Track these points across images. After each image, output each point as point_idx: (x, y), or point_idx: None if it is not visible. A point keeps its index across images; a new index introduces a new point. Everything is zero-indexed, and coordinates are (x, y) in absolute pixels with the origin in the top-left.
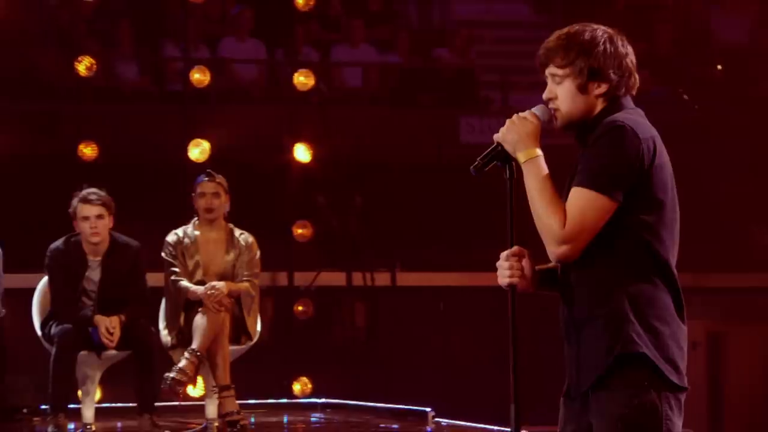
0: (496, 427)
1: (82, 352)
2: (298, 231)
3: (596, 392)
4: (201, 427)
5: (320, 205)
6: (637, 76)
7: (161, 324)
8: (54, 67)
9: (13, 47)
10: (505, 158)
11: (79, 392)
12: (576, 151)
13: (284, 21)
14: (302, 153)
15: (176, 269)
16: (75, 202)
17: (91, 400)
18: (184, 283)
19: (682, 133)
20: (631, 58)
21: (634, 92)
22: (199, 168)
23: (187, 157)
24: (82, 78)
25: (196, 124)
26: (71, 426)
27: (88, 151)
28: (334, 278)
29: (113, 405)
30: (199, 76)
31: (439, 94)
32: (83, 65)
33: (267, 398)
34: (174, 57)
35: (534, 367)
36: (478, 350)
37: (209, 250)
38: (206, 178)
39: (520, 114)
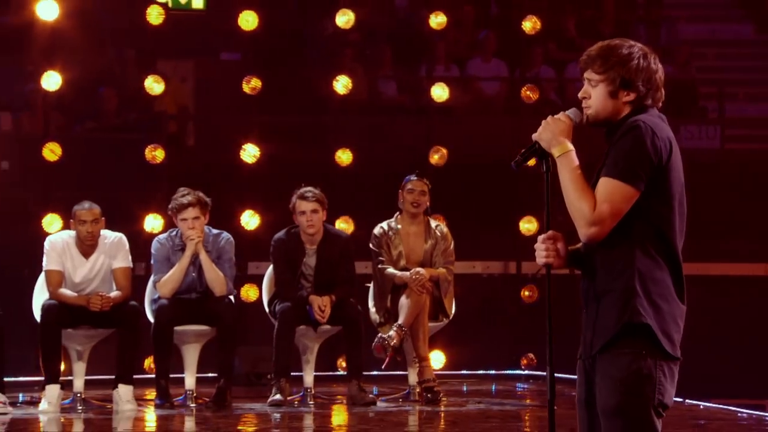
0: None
1: (301, 327)
2: (525, 225)
3: (603, 354)
4: (404, 392)
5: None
6: (663, 91)
7: (370, 304)
8: (322, 85)
9: (288, 67)
10: (541, 154)
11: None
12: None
13: (524, 43)
14: None
15: (382, 258)
16: (294, 198)
17: (310, 368)
18: (390, 270)
19: None
20: (660, 75)
21: (659, 104)
22: (438, 171)
23: (428, 162)
24: (346, 95)
25: (437, 133)
26: (303, 392)
27: (344, 157)
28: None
29: (327, 374)
30: (440, 92)
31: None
32: (341, 83)
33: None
34: (424, 76)
35: None
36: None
37: (410, 240)
38: (415, 177)
39: (554, 116)
